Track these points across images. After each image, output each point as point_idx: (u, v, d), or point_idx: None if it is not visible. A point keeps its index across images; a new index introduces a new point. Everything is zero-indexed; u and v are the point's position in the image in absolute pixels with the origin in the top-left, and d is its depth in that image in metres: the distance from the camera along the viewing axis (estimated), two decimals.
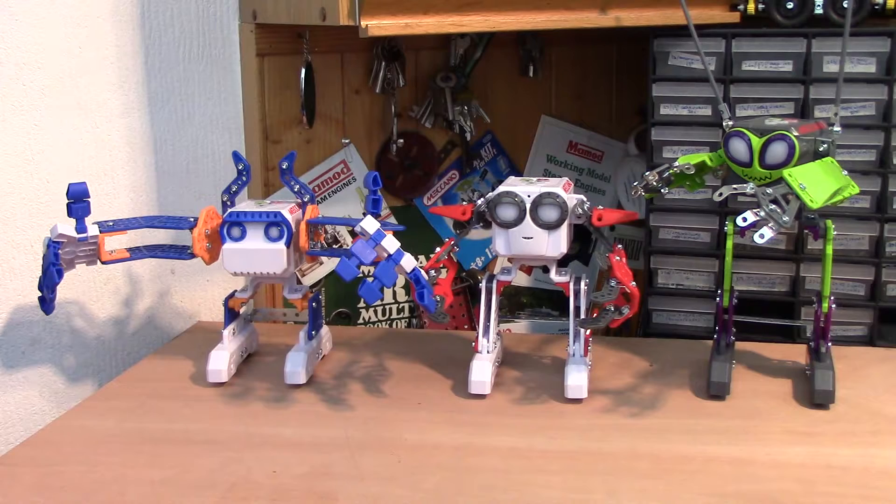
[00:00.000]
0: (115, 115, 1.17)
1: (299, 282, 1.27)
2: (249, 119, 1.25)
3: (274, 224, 1.00)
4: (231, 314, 1.06)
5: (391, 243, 0.90)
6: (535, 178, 1.03)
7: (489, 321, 1.02)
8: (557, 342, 1.14)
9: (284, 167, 1.02)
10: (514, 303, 1.47)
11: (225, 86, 1.24)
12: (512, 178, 1.04)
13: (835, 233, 0.97)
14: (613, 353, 1.10)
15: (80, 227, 0.97)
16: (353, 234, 0.93)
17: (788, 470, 0.83)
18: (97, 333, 1.19)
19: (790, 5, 1.15)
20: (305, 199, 1.03)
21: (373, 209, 0.98)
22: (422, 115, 1.37)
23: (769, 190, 0.87)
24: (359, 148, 1.33)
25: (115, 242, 1.01)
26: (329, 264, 1.31)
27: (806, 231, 1.11)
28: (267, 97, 1.24)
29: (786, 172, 0.90)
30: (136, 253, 1.03)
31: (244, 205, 1.03)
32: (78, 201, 0.97)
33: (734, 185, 0.90)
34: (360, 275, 0.97)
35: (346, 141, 1.32)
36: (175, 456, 0.87)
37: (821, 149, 0.93)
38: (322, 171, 1.31)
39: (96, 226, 0.99)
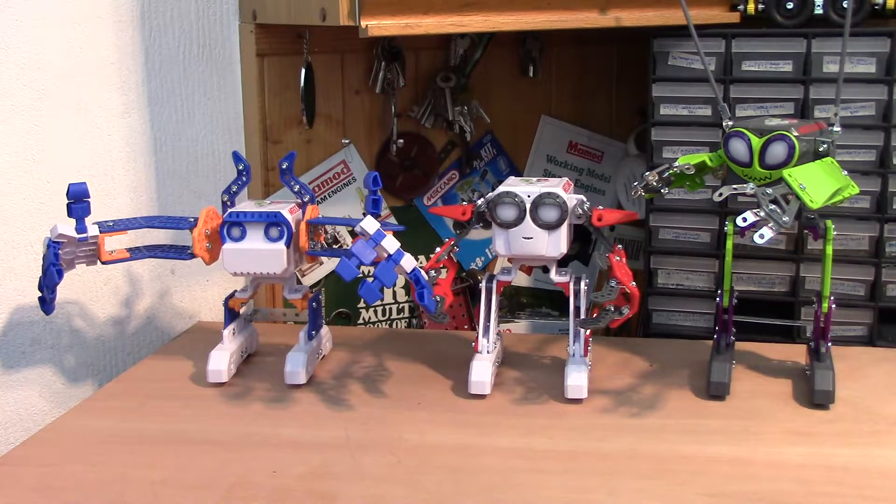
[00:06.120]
0: (115, 115, 1.17)
1: (299, 282, 1.27)
2: (249, 119, 1.25)
3: (274, 224, 1.00)
4: (231, 314, 1.06)
5: (391, 243, 0.90)
6: (534, 179, 1.03)
7: (489, 321, 1.02)
8: (557, 342, 1.14)
9: (284, 167, 1.02)
10: (514, 303, 1.47)
11: (225, 86, 1.24)
12: (512, 179, 1.04)
13: (835, 233, 0.97)
14: (613, 353, 1.10)
15: (80, 228, 0.97)
16: (353, 234, 0.93)
17: (788, 470, 0.83)
18: (97, 333, 1.19)
19: (790, 5, 1.15)
20: (305, 200, 1.03)
21: (373, 209, 0.98)
22: (422, 115, 1.37)
23: (769, 190, 0.87)
24: (359, 148, 1.33)
25: (115, 242, 1.01)
26: (329, 264, 1.31)
27: (806, 231, 1.11)
28: (267, 97, 1.24)
29: (786, 173, 0.90)
30: (136, 253, 1.03)
31: (244, 205, 1.03)
32: (78, 201, 0.97)
33: (734, 186, 0.90)
34: (360, 275, 0.97)
35: (346, 141, 1.32)
36: (175, 456, 0.87)
37: (821, 149, 0.93)
38: (322, 172, 1.31)
39: (96, 226, 0.99)
